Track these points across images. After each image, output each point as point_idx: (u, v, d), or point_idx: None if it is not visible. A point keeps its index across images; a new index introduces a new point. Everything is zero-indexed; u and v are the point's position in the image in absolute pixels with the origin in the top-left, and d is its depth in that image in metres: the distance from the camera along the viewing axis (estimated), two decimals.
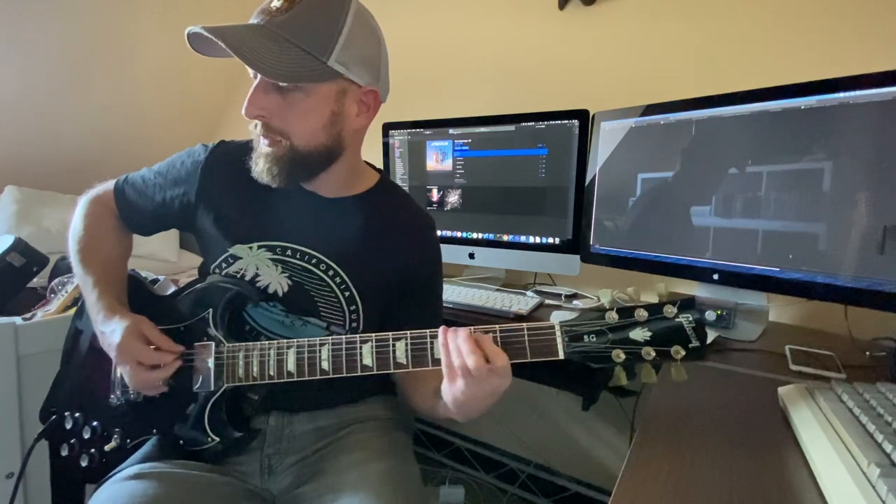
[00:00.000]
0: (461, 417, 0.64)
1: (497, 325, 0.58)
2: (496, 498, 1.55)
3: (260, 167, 0.68)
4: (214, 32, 0.59)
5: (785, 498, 0.44)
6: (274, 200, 0.74)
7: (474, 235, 1.35)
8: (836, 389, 0.56)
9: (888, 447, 0.42)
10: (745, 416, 0.60)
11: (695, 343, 0.52)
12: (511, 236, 1.29)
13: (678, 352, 0.53)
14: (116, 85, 1.91)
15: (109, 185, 0.83)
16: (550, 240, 1.23)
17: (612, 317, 0.55)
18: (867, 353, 0.82)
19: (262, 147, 0.67)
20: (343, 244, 0.74)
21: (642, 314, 0.54)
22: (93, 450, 0.74)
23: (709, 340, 0.83)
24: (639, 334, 0.54)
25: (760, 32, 1.12)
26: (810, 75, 0.80)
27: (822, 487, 0.44)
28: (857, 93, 0.74)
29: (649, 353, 0.53)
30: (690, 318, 0.53)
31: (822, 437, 0.48)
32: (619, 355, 0.54)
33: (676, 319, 0.53)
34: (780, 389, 0.62)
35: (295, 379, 0.66)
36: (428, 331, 0.61)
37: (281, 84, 0.62)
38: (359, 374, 0.63)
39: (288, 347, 0.66)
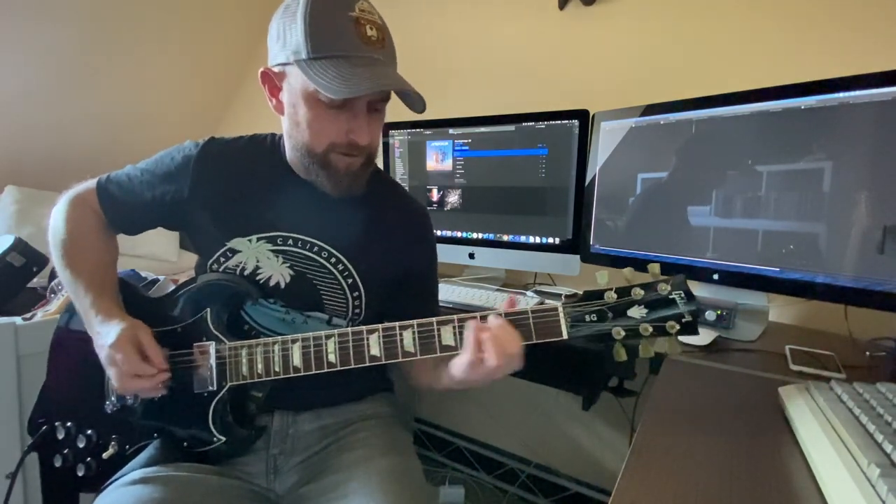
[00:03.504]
0: (463, 389, 0.68)
1: (501, 311, 0.60)
2: (496, 498, 1.55)
3: (346, 183, 0.70)
4: (393, 87, 0.63)
5: (785, 498, 0.44)
6: (271, 193, 0.74)
7: (474, 235, 1.35)
8: (836, 389, 0.56)
9: (888, 447, 0.42)
10: (745, 416, 0.59)
11: (688, 318, 0.55)
12: (511, 236, 1.29)
13: (673, 326, 0.55)
14: (117, 86, 1.91)
15: (90, 184, 0.79)
16: (550, 240, 1.23)
17: (611, 296, 0.57)
18: (867, 353, 0.82)
19: (343, 164, 0.68)
20: (343, 232, 0.75)
21: (638, 293, 0.57)
22: (89, 458, 0.72)
23: (709, 340, 0.83)
24: (636, 312, 0.56)
25: (760, 32, 1.12)
26: (810, 75, 0.80)
27: (821, 487, 0.44)
28: (857, 93, 0.74)
29: (647, 329, 0.56)
30: (682, 295, 0.55)
31: (822, 437, 0.48)
32: (619, 332, 0.57)
33: (670, 296, 0.56)
34: (781, 389, 0.62)
35: (301, 374, 0.66)
36: (435, 319, 0.62)
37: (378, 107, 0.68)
38: (367, 364, 0.64)
39: (293, 342, 0.66)
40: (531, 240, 1.26)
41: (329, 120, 0.65)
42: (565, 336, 0.58)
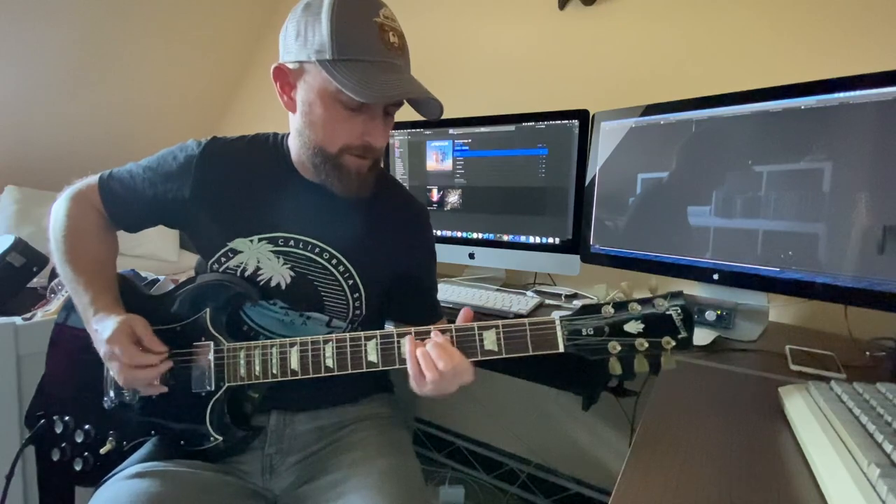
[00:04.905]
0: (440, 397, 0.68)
1: (498, 321, 0.60)
2: (496, 498, 1.55)
3: (356, 185, 0.71)
4: (421, 96, 0.65)
5: (785, 498, 0.44)
6: (273, 193, 0.75)
7: (474, 235, 1.35)
8: (836, 389, 0.56)
9: (888, 447, 0.42)
10: (745, 416, 0.59)
11: (683, 334, 0.55)
12: (511, 236, 1.29)
13: (668, 342, 0.55)
14: (117, 86, 1.91)
15: (92, 180, 0.79)
16: (550, 240, 1.23)
17: (609, 311, 0.57)
18: (867, 353, 0.81)
19: (354, 165, 0.69)
20: (344, 233, 0.75)
21: (635, 308, 0.57)
22: (86, 453, 0.73)
23: (709, 340, 0.83)
24: (632, 327, 0.56)
25: (760, 32, 1.12)
26: (810, 75, 0.80)
27: (821, 487, 0.44)
28: (857, 93, 0.74)
29: (642, 344, 0.56)
30: (679, 311, 0.55)
31: (822, 437, 0.48)
32: (615, 347, 0.57)
33: (666, 312, 0.56)
34: (781, 389, 0.62)
35: (299, 377, 0.66)
36: (432, 326, 0.62)
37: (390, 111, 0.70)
38: (363, 370, 0.64)
39: (291, 345, 0.66)
40: (531, 240, 1.26)
41: (345, 121, 0.66)
42: (561, 349, 0.58)
